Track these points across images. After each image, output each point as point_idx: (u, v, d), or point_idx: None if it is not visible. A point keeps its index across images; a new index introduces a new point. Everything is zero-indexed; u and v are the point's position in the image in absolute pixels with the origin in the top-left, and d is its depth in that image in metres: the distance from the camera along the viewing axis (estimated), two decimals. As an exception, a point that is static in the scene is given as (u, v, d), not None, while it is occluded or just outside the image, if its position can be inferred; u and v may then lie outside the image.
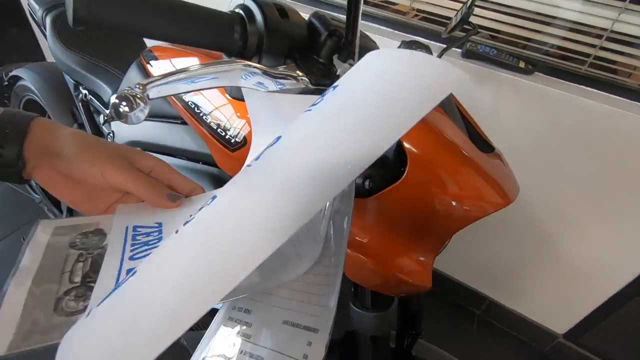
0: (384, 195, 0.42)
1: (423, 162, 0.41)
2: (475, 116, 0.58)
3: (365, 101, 0.24)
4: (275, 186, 0.23)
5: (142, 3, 0.27)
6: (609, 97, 0.86)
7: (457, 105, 0.53)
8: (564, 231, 1.06)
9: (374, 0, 1.08)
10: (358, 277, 0.48)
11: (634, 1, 0.80)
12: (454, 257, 1.30)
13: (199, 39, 0.29)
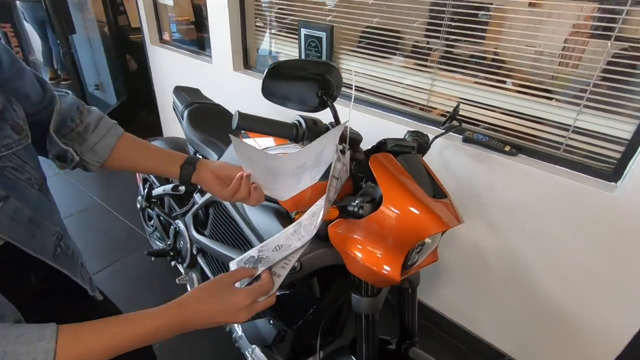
0: (370, 218, 0.73)
1: (392, 200, 0.72)
2: (472, 186, 0.89)
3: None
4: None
5: (261, 121, 0.66)
6: (582, 176, 1.10)
7: (426, 168, 0.85)
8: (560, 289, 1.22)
9: (397, 98, 1.49)
10: (356, 271, 0.77)
11: (586, 106, 1.08)
12: (476, 313, 1.47)
13: (278, 134, 0.68)
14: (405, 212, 0.71)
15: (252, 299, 0.56)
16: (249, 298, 0.56)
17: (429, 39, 1.34)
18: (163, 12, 2.59)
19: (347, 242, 0.76)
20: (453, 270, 1.49)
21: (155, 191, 1.61)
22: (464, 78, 1.30)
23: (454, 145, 1.28)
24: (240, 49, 1.99)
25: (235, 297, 0.56)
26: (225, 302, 0.55)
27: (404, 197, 0.72)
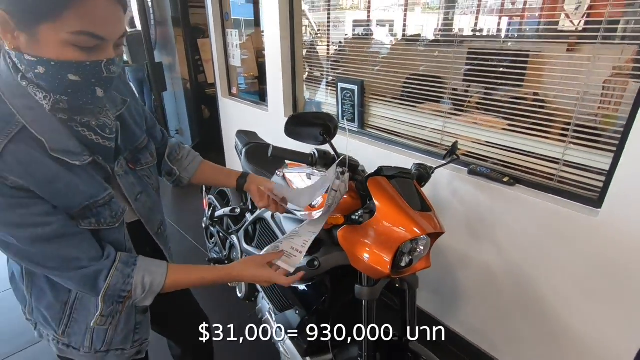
0: (367, 225, 0.99)
1: (381, 211, 0.97)
2: (478, 212, 1.14)
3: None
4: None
5: (288, 151, 0.97)
6: (573, 204, 1.24)
7: (417, 189, 1.09)
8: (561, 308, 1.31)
9: (407, 134, 1.74)
10: (358, 265, 1.01)
11: (574, 143, 1.25)
12: (491, 333, 1.57)
13: (300, 160, 0.98)
14: (391, 219, 0.96)
15: (267, 279, 0.84)
16: (269, 274, 0.84)
17: (442, 90, 1.61)
18: (233, 71, 3.18)
19: (350, 242, 1.02)
20: (468, 290, 1.62)
21: (217, 213, 2.00)
22: (468, 120, 1.53)
23: (461, 177, 1.49)
24: (291, 99, 2.42)
25: (261, 271, 0.84)
26: (255, 272, 0.84)
27: (391, 209, 0.97)
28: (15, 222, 0.59)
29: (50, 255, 0.63)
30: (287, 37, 2.24)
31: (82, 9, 0.53)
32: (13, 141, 0.57)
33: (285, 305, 1.35)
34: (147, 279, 0.71)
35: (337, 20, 2.13)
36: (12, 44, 0.56)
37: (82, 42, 0.56)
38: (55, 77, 0.57)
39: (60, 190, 0.62)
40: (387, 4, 1.97)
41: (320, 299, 1.19)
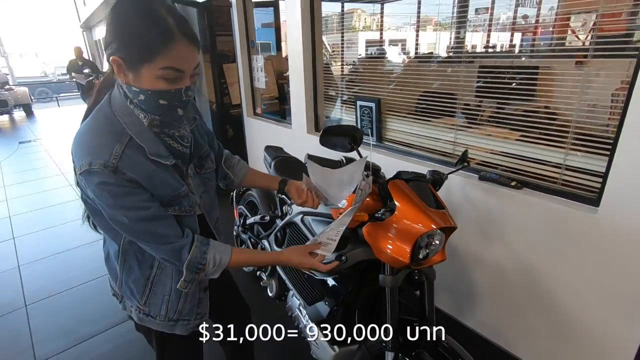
0: (388, 221, 1.15)
1: (401, 208, 1.13)
2: (489, 214, 1.31)
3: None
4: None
5: (322, 159, 1.16)
6: (575, 204, 1.38)
7: (432, 190, 1.25)
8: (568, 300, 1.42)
9: (421, 145, 1.91)
10: (381, 256, 1.17)
11: (573, 149, 1.39)
12: (507, 330, 1.67)
13: (330, 166, 1.16)
14: (410, 216, 1.12)
15: (310, 266, 1.02)
16: (311, 262, 1.02)
17: (454, 106, 1.78)
18: (257, 93, 3.44)
19: (374, 237, 1.19)
20: (482, 289, 1.74)
21: (249, 221, 2.19)
22: (478, 132, 1.69)
23: (472, 182, 1.64)
24: (313, 117, 2.63)
25: (307, 259, 1.03)
26: (302, 259, 1.02)
27: (409, 207, 1.14)
28: (128, 205, 0.78)
29: (150, 232, 0.82)
30: (310, 59, 2.47)
31: (169, 52, 0.74)
32: (127, 147, 0.78)
33: (316, 297, 1.50)
34: (217, 256, 0.91)
35: (350, 41, 2.35)
36: (124, 80, 0.78)
37: (167, 75, 0.75)
38: (150, 102, 0.78)
39: (156, 183, 0.82)
40: (399, 23, 2.18)
41: (347, 290, 1.34)
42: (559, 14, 1.45)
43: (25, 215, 3.65)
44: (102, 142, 0.77)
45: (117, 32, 0.74)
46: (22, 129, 8.42)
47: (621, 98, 1.26)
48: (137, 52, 0.73)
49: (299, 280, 1.65)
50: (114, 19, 0.75)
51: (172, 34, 0.73)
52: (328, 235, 1.08)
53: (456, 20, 1.74)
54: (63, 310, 2.23)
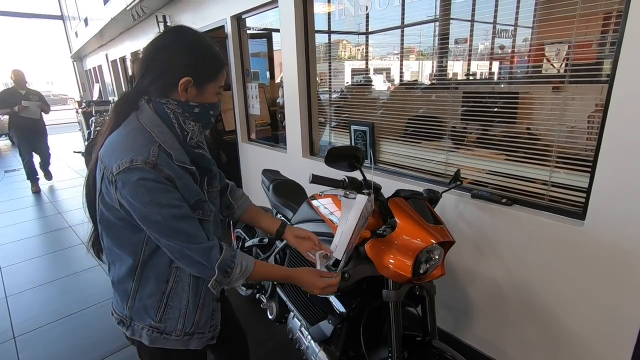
0: (390, 237, 1.20)
1: (402, 225, 1.19)
2: (482, 230, 1.38)
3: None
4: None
5: (324, 178, 1.22)
6: (562, 218, 1.46)
7: (429, 207, 1.31)
8: (562, 309, 1.47)
9: (415, 166, 1.99)
10: (384, 271, 1.21)
11: (557, 167, 1.49)
12: (503, 343, 1.70)
13: (334, 185, 1.22)
14: (410, 232, 1.18)
15: (324, 285, 1.07)
16: (322, 284, 1.07)
17: (442, 129, 1.89)
18: (251, 119, 3.53)
19: (377, 253, 1.23)
20: (478, 304, 1.78)
21: (247, 244, 2.21)
22: (467, 153, 1.79)
23: (465, 200, 1.72)
24: (308, 141, 2.71)
25: (319, 281, 1.07)
26: (314, 280, 1.07)
27: (409, 223, 1.20)
28: (164, 202, 0.84)
29: (182, 230, 0.86)
30: (304, 86, 2.58)
31: (222, 74, 0.95)
32: (159, 149, 0.86)
33: (319, 316, 1.51)
34: (244, 262, 0.96)
35: (336, 70, 2.48)
36: (184, 97, 0.90)
37: (219, 91, 0.96)
38: (203, 112, 0.94)
39: (184, 185, 0.89)
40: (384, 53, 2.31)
41: (351, 307, 1.37)
42: (533, 45, 1.59)
43: (12, 245, 3.56)
44: (140, 144, 0.85)
45: (193, 57, 0.89)
46: (7, 158, 8.29)
47: (597, 120, 1.38)
48: (207, 73, 0.92)
49: (300, 300, 1.66)
50: (190, 46, 0.90)
51: (224, 61, 0.96)
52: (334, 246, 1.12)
53: (438, 50, 1.88)
54: (53, 342, 2.16)
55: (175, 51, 0.88)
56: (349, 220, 1.15)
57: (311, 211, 1.63)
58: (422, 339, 1.31)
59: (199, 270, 0.92)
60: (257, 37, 3.61)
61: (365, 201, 1.16)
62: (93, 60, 10.85)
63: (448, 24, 1.81)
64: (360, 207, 1.13)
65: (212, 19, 3.47)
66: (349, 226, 1.13)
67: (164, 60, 0.89)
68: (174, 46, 0.89)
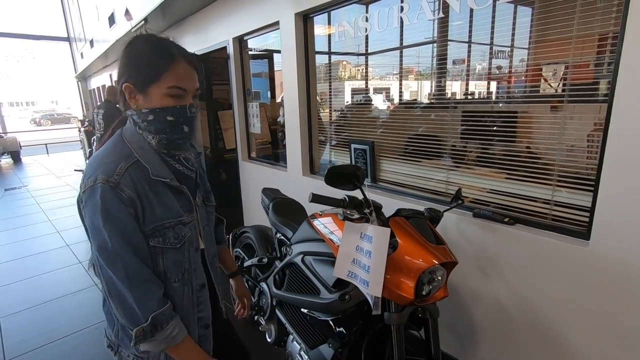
0: (392, 257, 1.18)
1: (403, 245, 1.17)
2: (484, 250, 1.36)
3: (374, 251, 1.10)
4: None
5: (324, 197, 1.20)
6: (566, 237, 1.43)
7: (430, 226, 1.29)
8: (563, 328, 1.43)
9: (415, 185, 1.98)
10: (385, 293, 1.18)
11: (559, 186, 1.48)
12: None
13: (334, 204, 1.21)
14: (412, 252, 1.16)
15: None
16: None
17: (443, 148, 1.89)
18: (252, 138, 3.55)
19: (378, 274, 1.20)
20: (482, 326, 1.73)
21: (246, 263, 2.18)
22: (468, 172, 1.78)
23: (467, 219, 1.70)
24: (308, 160, 2.71)
25: None
26: None
27: (411, 243, 1.17)
28: (116, 228, 0.80)
29: (129, 261, 0.81)
30: (305, 105, 2.61)
31: (172, 72, 0.86)
32: (131, 166, 0.85)
33: (319, 340, 1.47)
34: (177, 330, 0.88)
35: (336, 90, 2.51)
36: (134, 104, 0.88)
37: (173, 93, 0.86)
38: (159, 120, 0.87)
39: (156, 204, 0.86)
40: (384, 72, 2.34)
41: (352, 330, 1.33)
42: (530, 65, 1.61)
43: (8, 264, 3.51)
44: (110, 160, 0.85)
45: (129, 63, 0.87)
46: (9, 176, 8.30)
47: (597, 138, 1.37)
48: (146, 74, 0.86)
49: (300, 322, 1.62)
50: (127, 54, 0.88)
51: (173, 56, 0.87)
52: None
53: (437, 70, 1.90)
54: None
55: (122, 58, 0.88)
56: (378, 254, 1.12)
57: (311, 230, 1.61)
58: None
59: (127, 313, 0.82)
60: (259, 57, 3.67)
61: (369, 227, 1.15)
62: (97, 80, 11.03)
63: (446, 45, 1.85)
64: (385, 239, 1.12)
65: (215, 40, 3.54)
66: (380, 260, 1.11)
67: (118, 70, 0.89)
68: (123, 53, 0.89)
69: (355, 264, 1.19)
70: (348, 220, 1.23)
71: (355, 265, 1.18)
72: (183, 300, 0.94)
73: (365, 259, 1.14)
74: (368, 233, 1.16)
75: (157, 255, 0.88)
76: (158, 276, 0.88)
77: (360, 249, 1.18)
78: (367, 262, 1.14)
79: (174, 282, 0.91)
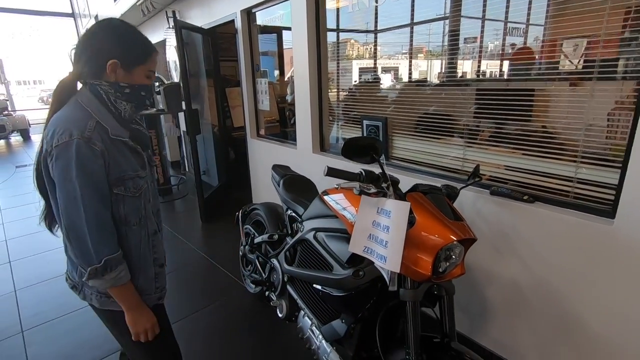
0: (408, 234, 1.14)
1: (421, 222, 1.13)
2: (501, 229, 1.34)
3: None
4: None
5: (341, 171, 1.16)
6: (589, 216, 1.38)
7: (448, 202, 1.25)
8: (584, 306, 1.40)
9: (430, 162, 1.93)
10: (401, 269, 1.15)
11: (583, 162, 1.42)
12: (522, 347, 1.63)
13: (350, 178, 1.17)
14: (430, 228, 1.12)
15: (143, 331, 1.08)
16: (148, 327, 1.09)
17: (461, 123, 1.82)
18: (261, 115, 3.49)
19: (394, 250, 1.17)
20: (496, 305, 1.71)
21: (256, 240, 2.17)
22: (484, 149, 1.72)
23: (483, 197, 1.65)
24: (318, 137, 2.66)
25: (147, 323, 1.09)
26: (145, 322, 1.08)
27: (429, 219, 1.14)
28: (88, 179, 0.91)
29: (95, 210, 0.93)
30: (315, 81, 2.53)
31: (153, 58, 1.06)
32: (97, 124, 0.95)
33: (331, 315, 1.46)
34: (123, 273, 1.00)
35: (346, 69, 2.43)
36: (113, 78, 0.99)
37: (149, 75, 1.05)
38: (134, 93, 1.03)
39: (119, 160, 0.98)
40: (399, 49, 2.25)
41: (365, 306, 1.31)
42: (550, 41, 1.51)
43: (22, 239, 3.57)
44: (78, 119, 0.94)
45: (120, 43, 0.99)
46: (19, 154, 8.38)
47: (623, 115, 1.30)
48: (135, 56, 1.01)
49: (312, 298, 1.61)
50: (116, 34, 1.00)
51: (153, 48, 1.06)
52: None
53: (453, 48, 1.81)
54: (62, 336, 2.14)
55: (102, 37, 0.99)
56: (397, 229, 1.09)
57: (323, 207, 1.58)
58: (440, 340, 1.25)
59: (84, 254, 0.94)
60: (267, 32, 3.56)
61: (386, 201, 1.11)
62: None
63: (458, 21, 1.75)
64: (405, 214, 1.08)
65: (222, 14, 3.43)
66: (399, 235, 1.08)
67: (93, 45, 0.98)
68: (102, 33, 0.99)
69: (371, 240, 1.16)
70: (365, 195, 1.19)
71: (372, 240, 1.15)
72: (141, 242, 1.08)
73: (383, 234, 1.11)
74: (386, 207, 1.12)
75: (119, 202, 1.01)
76: (119, 219, 1.01)
77: (377, 224, 1.15)
78: (384, 238, 1.10)
79: (134, 226, 1.05)
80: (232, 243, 3.15)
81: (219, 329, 2.18)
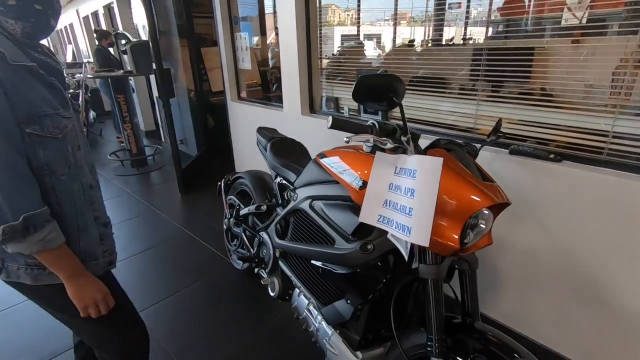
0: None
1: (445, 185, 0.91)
2: (520, 192, 1.16)
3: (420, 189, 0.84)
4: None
5: (348, 122, 0.93)
6: (625, 174, 1.21)
7: (472, 161, 1.04)
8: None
9: (440, 121, 1.71)
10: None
11: (621, 113, 1.22)
12: (538, 320, 1.50)
13: (361, 131, 0.93)
14: (457, 191, 0.91)
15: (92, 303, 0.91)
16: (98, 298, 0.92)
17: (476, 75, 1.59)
18: (241, 75, 3.15)
19: (412, 219, 0.96)
20: (509, 276, 1.57)
21: (242, 211, 1.93)
22: (498, 103, 1.51)
23: (502, 157, 1.46)
24: (307, 97, 2.38)
25: (97, 294, 0.92)
26: (95, 292, 0.91)
27: (456, 180, 0.92)
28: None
29: (2, 153, 0.74)
30: (303, 33, 2.22)
31: None
32: None
33: (334, 295, 1.27)
34: (53, 234, 0.82)
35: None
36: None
37: None
38: (25, 7, 0.82)
39: (23, 90, 0.78)
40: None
41: (377, 286, 1.12)
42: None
43: None
44: None
45: None
46: None
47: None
48: None
49: (309, 276, 1.41)
50: None
51: None
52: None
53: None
54: (25, 323, 1.90)
55: None
56: (426, 192, 0.86)
57: (319, 171, 1.35)
58: (461, 321, 1.08)
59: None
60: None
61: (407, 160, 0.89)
62: (63, 19, 9.96)
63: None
64: (436, 172, 0.85)
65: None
66: (430, 199, 0.84)
67: None
68: None
69: (388, 207, 0.94)
70: (379, 152, 0.97)
71: (389, 207, 0.94)
72: (75, 197, 0.90)
73: (405, 199, 0.89)
74: (408, 166, 0.90)
75: (36, 145, 0.81)
76: (40, 167, 0.82)
77: (396, 187, 0.93)
78: (407, 203, 0.89)
79: (62, 176, 0.87)
80: (215, 216, 2.91)
81: (203, 309, 1.98)
